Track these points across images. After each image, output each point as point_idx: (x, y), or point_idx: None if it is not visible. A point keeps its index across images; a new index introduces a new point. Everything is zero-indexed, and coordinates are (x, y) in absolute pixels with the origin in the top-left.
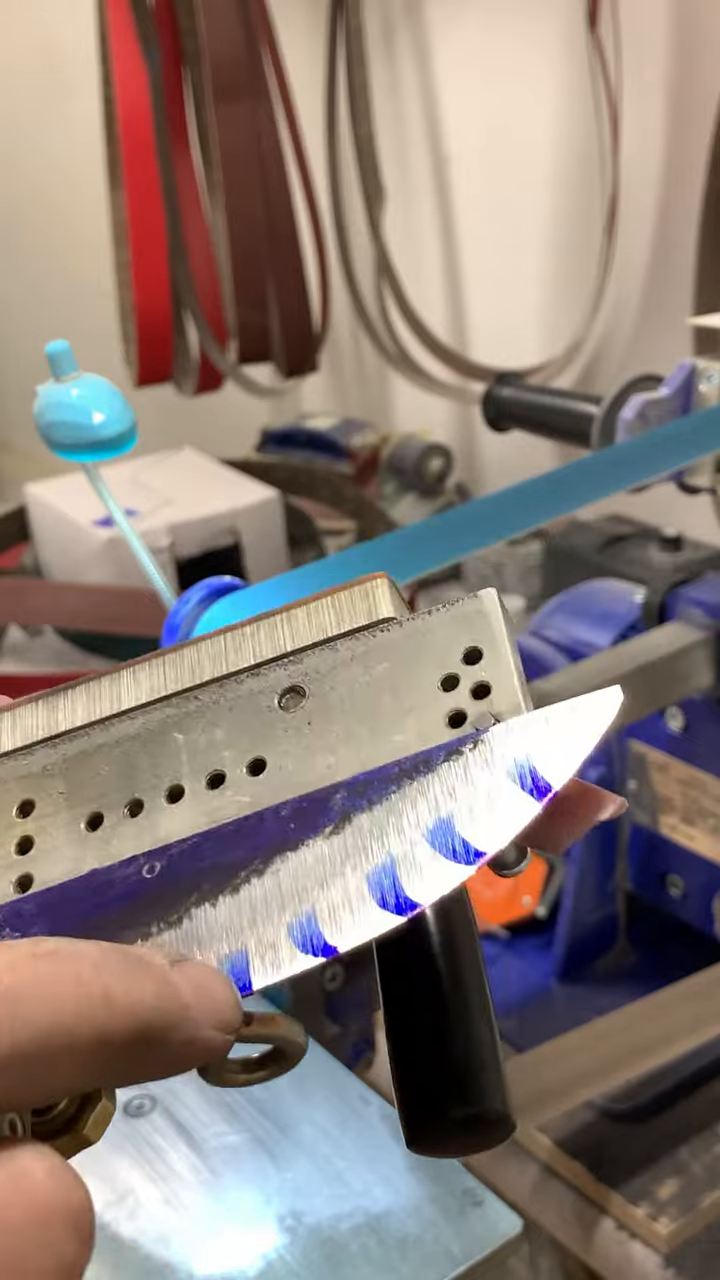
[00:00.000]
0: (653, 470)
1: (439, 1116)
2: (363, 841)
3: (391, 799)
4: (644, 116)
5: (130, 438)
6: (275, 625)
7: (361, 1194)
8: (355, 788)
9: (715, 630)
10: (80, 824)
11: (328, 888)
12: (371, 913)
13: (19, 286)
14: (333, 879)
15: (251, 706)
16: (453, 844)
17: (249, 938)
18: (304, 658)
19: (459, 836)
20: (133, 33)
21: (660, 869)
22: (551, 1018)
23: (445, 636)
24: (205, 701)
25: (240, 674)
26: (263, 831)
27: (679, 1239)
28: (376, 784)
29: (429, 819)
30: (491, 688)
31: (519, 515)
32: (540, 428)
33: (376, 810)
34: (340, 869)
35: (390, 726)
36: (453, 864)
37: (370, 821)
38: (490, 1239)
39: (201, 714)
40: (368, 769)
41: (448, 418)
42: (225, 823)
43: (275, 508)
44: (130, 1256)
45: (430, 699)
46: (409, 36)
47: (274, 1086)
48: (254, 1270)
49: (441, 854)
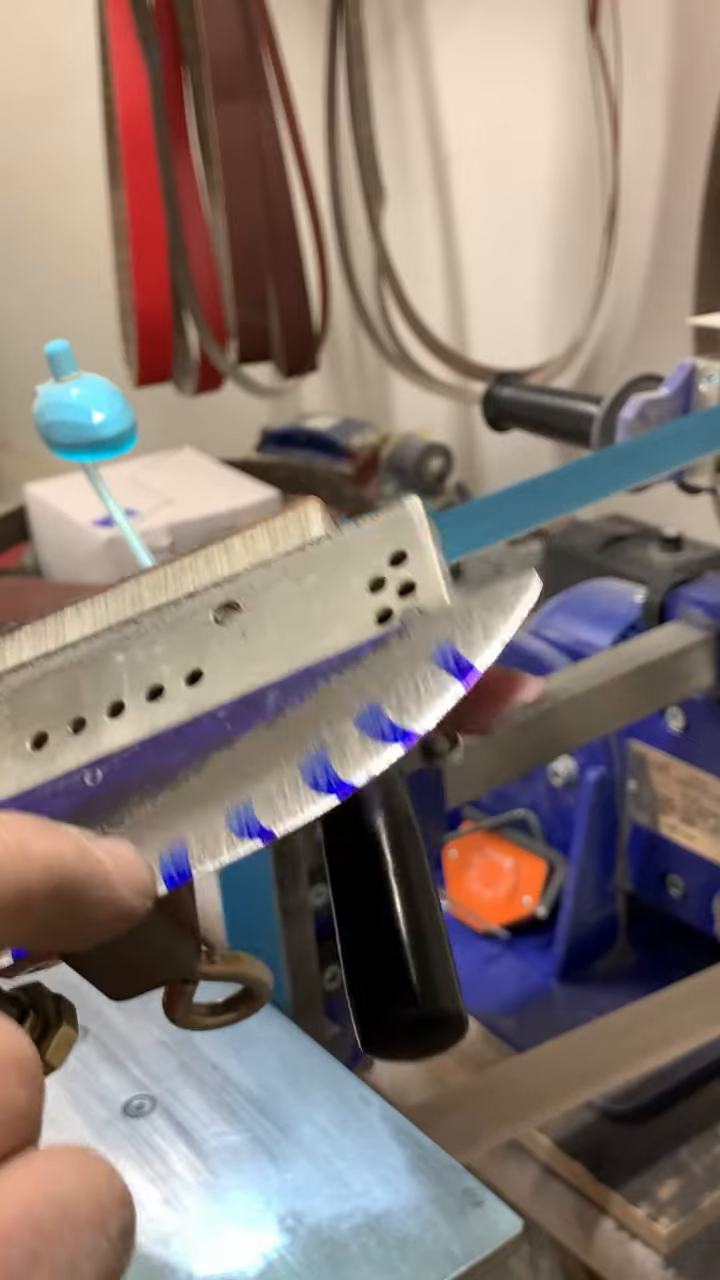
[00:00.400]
0: (653, 470)
1: (389, 1015)
2: (296, 733)
3: (321, 692)
4: (644, 116)
5: (130, 438)
6: (212, 554)
7: (362, 1194)
8: (288, 686)
9: (716, 630)
10: (26, 743)
11: (263, 778)
12: (306, 797)
13: (19, 287)
14: (268, 770)
15: (189, 623)
16: (381, 727)
17: (188, 829)
18: (239, 577)
19: (387, 719)
20: (133, 33)
21: (660, 869)
22: (551, 1018)
23: (372, 544)
24: (145, 625)
25: (180, 600)
26: (201, 733)
27: (679, 1239)
28: (307, 680)
29: (358, 706)
30: (416, 585)
31: (519, 515)
32: (540, 428)
33: (308, 703)
34: (275, 760)
35: (322, 629)
36: (382, 745)
37: (302, 714)
38: (490, 1239)
39: (141, 635)
40: (299, 669)
41: (448, 418)
42: (164, 729)
43: (275, 507)
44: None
45: (359, 600)
46: (409, 36)
47: (274, 1086)
48: (254, 1270)
49: (371, 737)
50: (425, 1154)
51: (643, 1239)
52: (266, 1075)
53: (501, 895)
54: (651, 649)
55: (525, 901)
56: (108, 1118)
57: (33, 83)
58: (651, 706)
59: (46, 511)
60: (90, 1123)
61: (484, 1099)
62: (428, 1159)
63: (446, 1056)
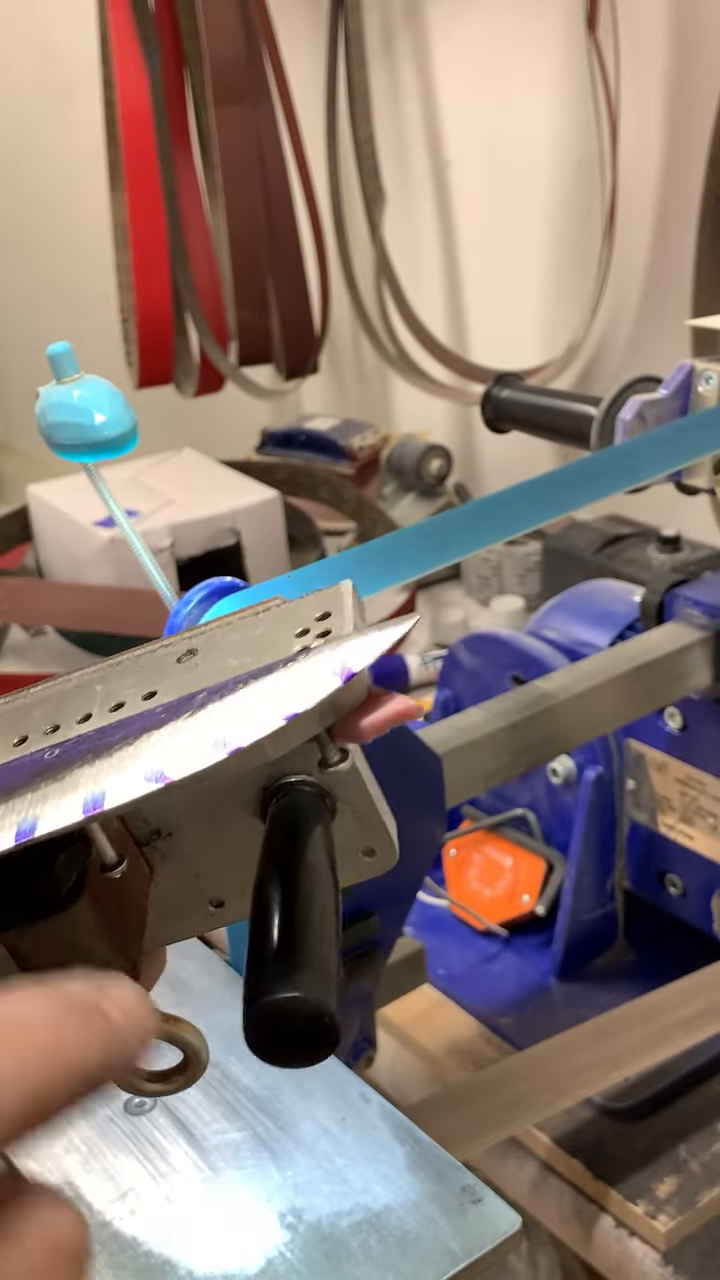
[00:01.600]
0: (651, 471)
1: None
2: (210, 715)
3: (239, 691)
4: (643, 118)
5: (131, 439)
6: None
7: (361, 1191)
8: (215, 690)
9: (714, 630)
10: (10, 743)
11: (176, 745)
12: (207, 752)
13: (20, 288)
14: (182, 736)
15: (157, 663)
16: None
17: (109, 779)
18: (205, 631)
19: (278, 703)
20: (134, 35)
21: (659, 867)
22: (550, 1016)
23: (308, 607)
24: (125, 664)
25: (157, 648)
26: (140, 721)
27: (677, 1236)
28: (230, 685)
29: (260, 696)
30: (331, 630)
31: (519, 515)
32: (539, 429)
33: (227, 698)
34: (189, 733)
35: (253, 660)
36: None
37: (219, 705)
38: (489, 1236)
39: (120, 671)
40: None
41: (447, 419)
42: (114, 721)
43: (276, 508)
44: (131, 1254)
45: (288, 640)
46: (409, 39)
47: (274, 1084)
48: (254, 1267)
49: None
50: (424, 1151)
51: (641, 1236)
52: (267, 1073)
53: (501, 894)
54: (650, 649)
55: (524, 900)
56: (109, 1115)
57: (34, 84)
58: (650, 706)
59: (48, 512)
60: (92, 1120)
61: (483, 1097)
62: (427, 1156)
63: (446, 1055)
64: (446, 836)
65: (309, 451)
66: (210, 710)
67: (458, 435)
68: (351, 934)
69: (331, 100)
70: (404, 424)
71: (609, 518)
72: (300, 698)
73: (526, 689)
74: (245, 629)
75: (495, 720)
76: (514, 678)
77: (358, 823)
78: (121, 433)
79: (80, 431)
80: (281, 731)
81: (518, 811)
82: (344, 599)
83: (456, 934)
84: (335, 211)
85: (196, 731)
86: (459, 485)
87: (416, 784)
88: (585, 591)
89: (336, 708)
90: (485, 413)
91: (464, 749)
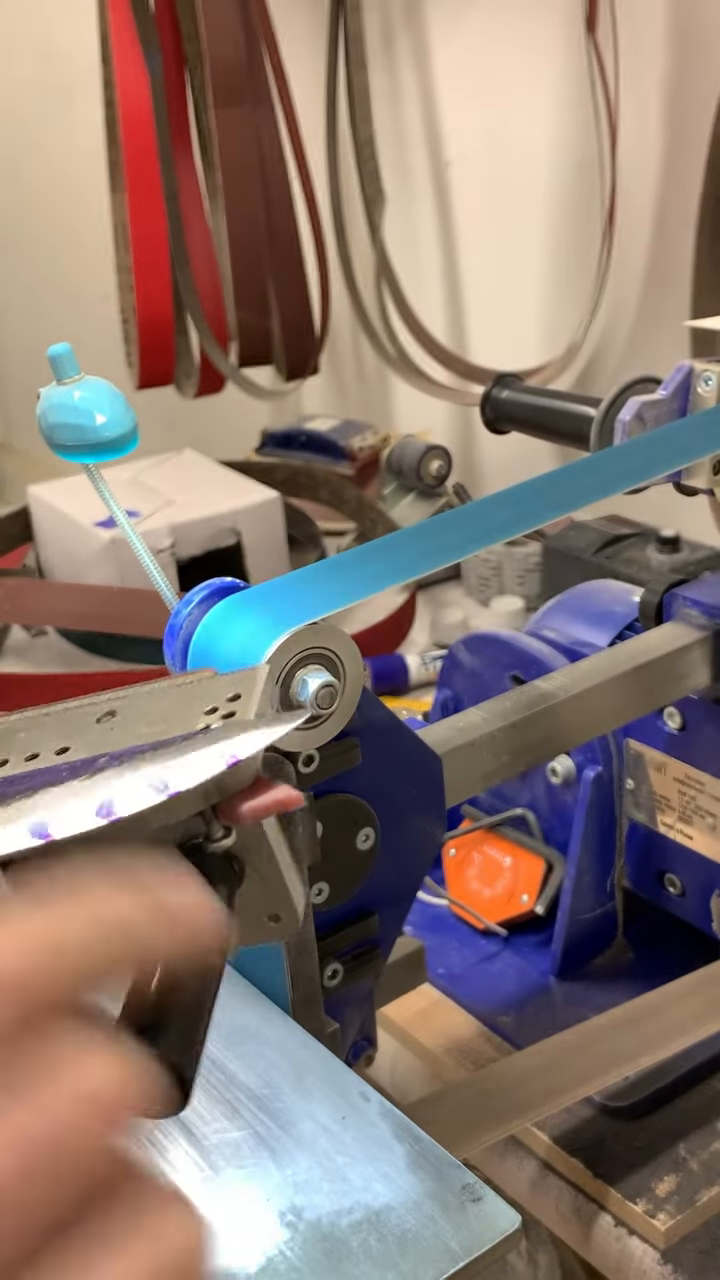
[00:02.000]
0: (651, 472)
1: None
2: (105, 780)
3: (135, 759)
4: (642, 119)
5: (132, 439)
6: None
7: (361, 1190)
8: (118, 756)
9: (713, 630)
10: None
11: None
12: (90, 816)
13: (21, 289)
14: (75, 799)
15: (81, 718)
16: (159, 783)
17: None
18: (133, 693)
19: (164, 779)
20: (134, 36)
21: (658, 867)
22: (549, 1015)
23: (223, 685)
24: (53, 715)
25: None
26: (44, 776)
27: (676, 1235)
28: (130, 753)
29: (151, 769)
30: (236, 713)
31: (519, 516)
32: (538, 429)
33: (123, 766)
34: (81, 795)
35: (162, 730)
36: (155, 794)
37: (115, 772)
38: (489, 1235)
39: (46, 721)
40: (131, 746)
41: (447, 419)
42: (23, 772)
43: (276, 508)
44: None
45: (196, 716)
46: (409, 41)
47: (274, 1083)
48: (254, 1266)
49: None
50: (424, 1150)
51: (640, 1235)
52: (267, 1072)
53: (500, 893)
54: (649, 649)
55: (524, 899)
56: None
57: (34, 84)
58: (649, 706)
59: (49, 513)
60: None
61: (482, 1096)
62: (427, 1155)
63: (446, 1054)
64: (446, 836)
65: (309, 452)
66: (107, 775)
67: (457, 436)
68: (351, 933)
69: (331, 101)
70: (404, 424)
71: (609, 518)
72: (186, 776)
73: (526, 689)
74: (167, 698)
75: (495, 720)
76: (513, 678)
77: (265, 888)
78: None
79: (81, 432)
80: (164, 805)
81: (517, 811)
82: (256, 684)
83: (456, 933)
84: (335, 212)
85: (88, 795)
86: (459, 486)
87: (416, 784)
88: (585, 592)
89: (222, 789)
90: (485, 413)
91: (463, 749)
